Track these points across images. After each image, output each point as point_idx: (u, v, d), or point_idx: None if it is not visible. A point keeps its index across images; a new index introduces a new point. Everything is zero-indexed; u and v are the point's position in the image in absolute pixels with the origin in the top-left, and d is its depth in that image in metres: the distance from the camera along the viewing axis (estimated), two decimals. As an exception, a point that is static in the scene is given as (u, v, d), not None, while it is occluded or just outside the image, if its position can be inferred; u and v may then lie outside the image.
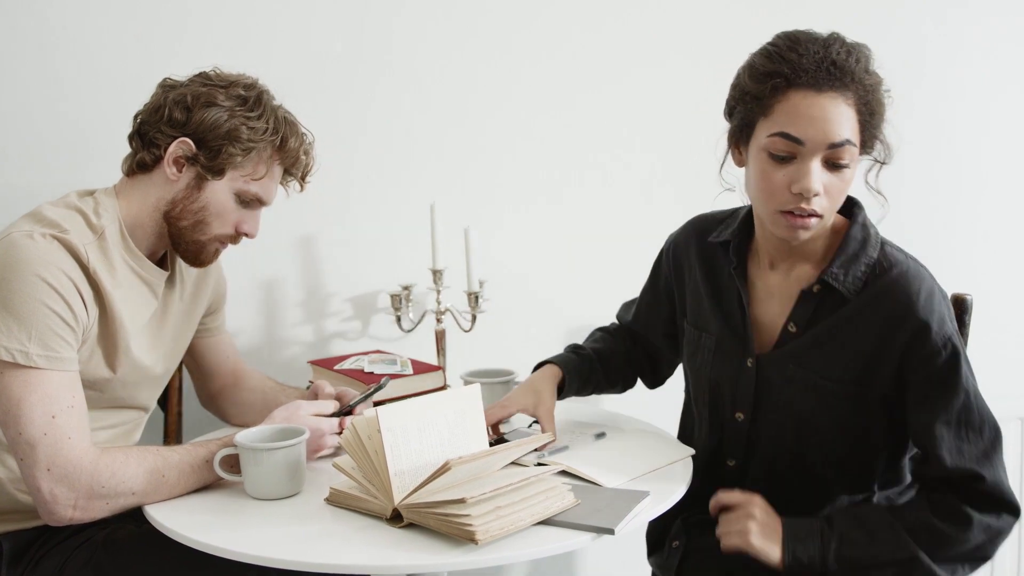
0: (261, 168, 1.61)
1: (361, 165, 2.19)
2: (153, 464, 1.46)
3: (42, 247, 1.46)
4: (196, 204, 1.60)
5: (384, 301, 2.22)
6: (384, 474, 1.34)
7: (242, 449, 1.46)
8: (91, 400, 1.51)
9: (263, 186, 1.63)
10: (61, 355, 1.44)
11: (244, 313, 2.14)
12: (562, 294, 2.32)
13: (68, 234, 1.49)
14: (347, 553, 1.29)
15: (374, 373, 1.90)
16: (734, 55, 1.51)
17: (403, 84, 2.19)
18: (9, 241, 1.46)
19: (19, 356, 1.41)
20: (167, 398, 1.93)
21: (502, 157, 2.26)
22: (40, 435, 1.40)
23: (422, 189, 2.19)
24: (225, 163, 1.58)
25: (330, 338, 2.22)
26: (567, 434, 1.70)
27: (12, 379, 1.41)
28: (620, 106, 2.30)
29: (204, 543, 1.33)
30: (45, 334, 1.43)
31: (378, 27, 2.17)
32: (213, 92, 1.58)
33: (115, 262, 1.56)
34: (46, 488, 1.41)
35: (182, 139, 1.57)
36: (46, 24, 1.99)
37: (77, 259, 1.49)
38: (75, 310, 1.47)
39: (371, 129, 2.19)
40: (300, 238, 2.18)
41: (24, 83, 1.99)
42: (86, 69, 2.01)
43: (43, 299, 1.43)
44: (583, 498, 1.39)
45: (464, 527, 1.24)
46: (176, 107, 1.58)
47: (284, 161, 1.65)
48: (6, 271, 1.43)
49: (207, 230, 1.62)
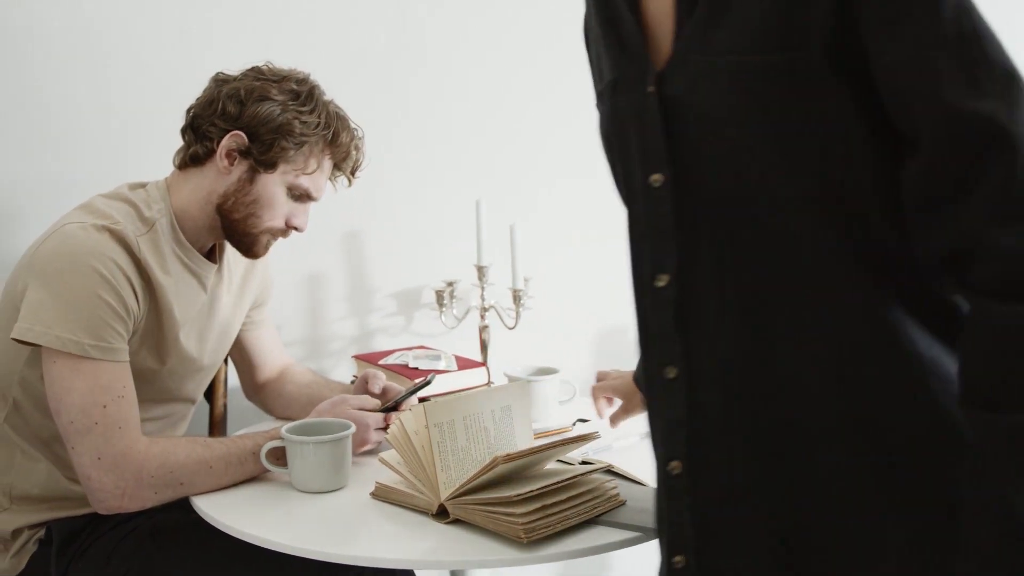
0: (312, 162, 1.62)
1: (407, 161, 2.19)
2: (200, 455, 1.47)
3: (95, 239, 1.47)
4: (248, 197, 1.60)
5: (428, 297, 2.22)
6: (431, 469, 1.34)
7: (288, 442, 1.46)
8: (139, 391, 1.52)
9: (313, 180, 1.63)
10: (113, 345, 1.46)
11: (289, 307, 2.15)
12: (607, 293, 2.31)
13: (120, 226, 1.50)
14: (392, 548, 1.29)
15: (419, 369, 1.90)
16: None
17: (451, 79, 2.19)
18: (63, 232, 1.48)
19: (72, 346, 1.42)
20: (212, 390, 1.95)
21: (549, 154, 2.25)
22: (91, 424, 1.42)
23: (468, 185, 2.19)
24: (277, 157, 1.58)
25: (373, 333, 2.23)
26: (611, 433, 1.69)
27: (65, 368, 1.43)
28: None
29: (249, 534, 1.34)
30: (98, 325, 1.44)
31: (422, 21, 2.17)
32: (266, 86, 1.59)
33: (166, 254, 1.57)
34: (96, 477, 1.42)
35: (235, 132, 1.57)
36: (95, 18, 2.01)
37: (129, 251, 1.50)
38: (127, 301, 1.48)
39: (418, 125, 2.19)
40: (346, 233, 2.19)
41: (73, 76, 2.01)
42: (133, 63, 2.03)
43: (96, 290, 1.44)
44: (629, 497, 1.38)
45: (512, 524, 1.23)
46: (229, 101, 1.59)
47: (335, 156, 1.65)
48: (60, 262, 1.45)
49: (258, 223, 1.62)
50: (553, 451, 1.36)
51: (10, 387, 1.56)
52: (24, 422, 1.57)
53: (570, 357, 2.25)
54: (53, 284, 1.44)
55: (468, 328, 2.19)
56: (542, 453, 1.34)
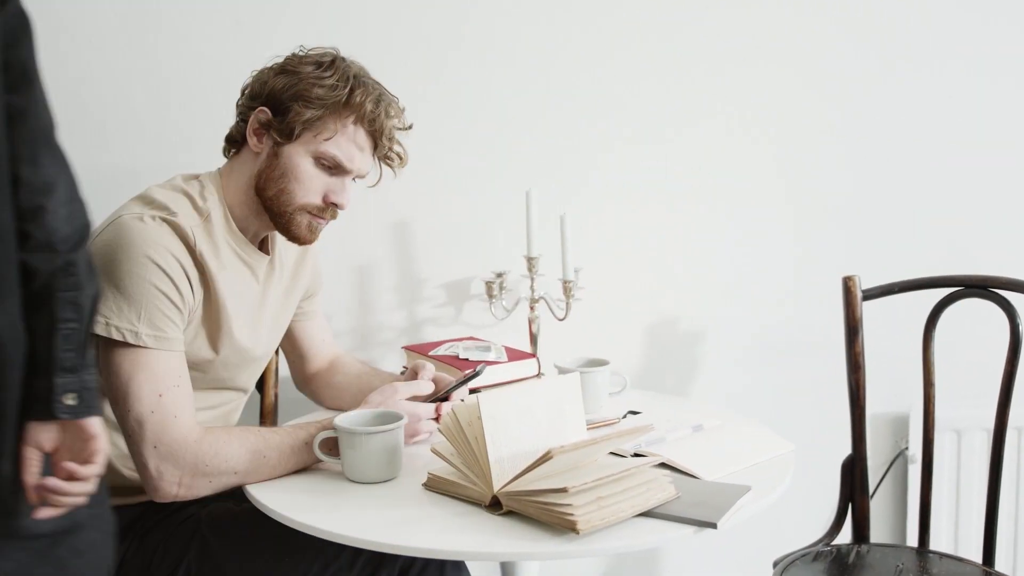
0: (331, 126, 1.58)
1: (457, 151, 2.18)
2: (255, 444, 1.48)
3: (152, 229, 1.48)
4: (277, 171, 1.60)
5: (478, 288, 2.22)
6: (484, 461, 1.34)
7: (341, 432, 1.47)
8: (194, 381, 1.54)
9: (338, 146, 1.59)
10: (169, 335, 1.47)
11: (338, 297, 2.16)
12: (656, 285, 2.30)
13: (176, 216, 1.51)
14: (445, 538, 1.29)
15: (469, 360, 1.90)
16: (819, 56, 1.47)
17: (503, 70, 2.18)
18: (119, 223, 1.49)
19: (129, 336, 1.44)
20: (263, 381, 1.96)
21: (599, 144, 2.23)
22: (148, 413, 1.43)
23: (518, 176, 2.18)
24: (295, 123, 1.56)
25: (422, 323, 2.23)
26: (664, 426, 1.68)
27: (122, 358, 1.45)
28: (727, 101, 2.25)
29: (302, 523, 1.35)
30: (154, 314, 1.45)
31: (473, 9, 2.16)
32: (289, 61, 1.61)
33: (220, 245, 1.58)
34: (153, 465, 1.44)
35: (260, 108, 1.59)
36: (150, 10, 2.03)
37: (185, 241, 1.51)
38: (182, 291, 1.49)
39: (468, 115, 2.18)
40: (395, 223, 2.19)
41: (127, 68, 2.04)
42: (187, 53, 2.05)
43: (152, 280, 1.46)
44: (683, 490, 1.37)
45: (565, 516, 1.23)
46: (256, 82, 1.62)
47: (358, 118, 1.60)
48: (117, 252, 1.46)
49: (292, 199, 1.60)
50: (607, 443, 1.35)
51: (67, 376, 1.58)
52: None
53: (620, 348, 2.24)
54: (110, 273, 1.45)
55: (518, 319, 2.18)
56: (596, 446, 1.33)
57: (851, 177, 2.30)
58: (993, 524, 1.86)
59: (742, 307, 2.31)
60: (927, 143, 2.30)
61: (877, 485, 2.37)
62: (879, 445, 2.37)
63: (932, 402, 1.94)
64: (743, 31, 2.23)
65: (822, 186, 2.30)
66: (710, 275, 2.30)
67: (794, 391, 2.33)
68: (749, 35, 2.23)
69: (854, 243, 2.30)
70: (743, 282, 2.30)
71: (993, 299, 1.87)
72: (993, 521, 1.86)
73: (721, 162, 2.26)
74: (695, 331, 2.32)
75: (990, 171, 2.33)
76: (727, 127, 2.26)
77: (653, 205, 2.27)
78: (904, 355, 2.13)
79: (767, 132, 2.27)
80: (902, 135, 2.29)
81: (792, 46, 2.25)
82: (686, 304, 2.30)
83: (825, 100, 2.27)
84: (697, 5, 2.22)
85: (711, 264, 2.29)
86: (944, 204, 2.32)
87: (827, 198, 2.30)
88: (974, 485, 2.30)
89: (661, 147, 2.25)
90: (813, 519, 2.27)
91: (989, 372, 1.96)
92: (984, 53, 2.28)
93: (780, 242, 2.31)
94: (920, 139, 2.30)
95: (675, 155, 2.25)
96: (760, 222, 2.30)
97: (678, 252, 2.29)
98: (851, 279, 1.97)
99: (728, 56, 2.23)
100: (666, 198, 2.27)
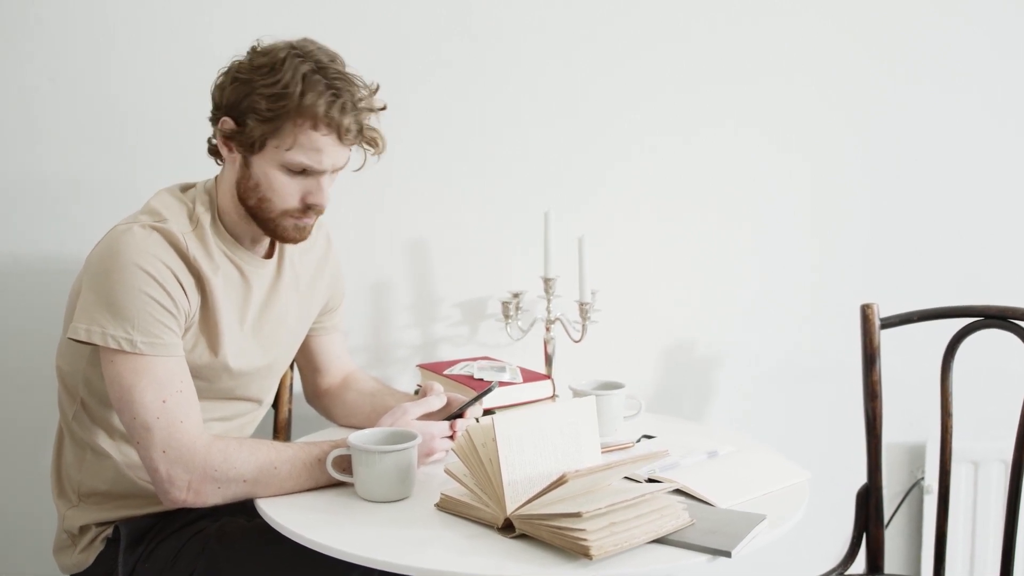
0: (288, 135, 1.51)
1: (475, 170, 2.19)
2: (266, 455, 1.48)
3: (140, 237, 1.49)
4: (251, 182, 1.57)
5: (493, 307, 2.22)
6: (497, 483, 1.33)
7: (355, 451, 1.46)
8: (201, 390, 1.54)
9: (302, 153, 1.52)
10: (164, 340, 1.47)
11: (353, 314, 2.16)
12: (673, 308, 2.29)
13: (167, 223, 1.52)
14: (456, 560, 1.28)
15: (483, 380, 1.89)
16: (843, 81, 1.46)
17: (520, 90, 2.18)
18: (111, 234, 1.52)
19: (124, 344, 1.45)
20: (277, 396, 1.95)
21: (617, 167, 2.23)
22: (153, 419, 1.44)
23: (536, 196, 2.18)
24: (253, 136, 1.52)
25: (437, 342, 2.23)
26: (678, 451, 1.67)
27: (122, 367, 1.46)
28: (749, 124, 2.25)
29: (313, 540, 1.34)
30: (147, 321, 1.46)
31: (493, 29, 2.17)
32: (240, 67, 1.54)
33: (212, 250, 1.58)
34: (163, 469, 1.44)
35: (223, 119, 1.55)
36: (160, 14, 2.04)
37: (176, 248, 1.52)
38: (175, 297, 1.49)
39: (486, 134, 2.18)
40: (411, 241, 2.19)
41: (140, 79, 2.05)
42: (196, 61, 2.05)
43: (142, 288, 1.46)
44: (697, 518, 1.35)
45: (578, 541, 1.22)
46: (216, 90, 1.58)
47: (314, 123, 1.50)
48: (107, 263, 1.48)
49: (272, 207, 1.57)
50: (622, 468, 1.34)
51: (77, 386, 1.59)
52: (92, 420, 1.60)
53: (636, 372, 2.23)
54: (102, 284, 1.47)
55: (533, 340, 2.17)
56: (610, 470, 1.32)
57: (869, 203, 2.29)
58: (1010, 558, 1.84)
59: (758, 332, 2.30)
60: (947, 171, 2.29)
61: (892, 515, 2.35)
62: (895, 474, 2.35)
63: (949, 432, 1.92)
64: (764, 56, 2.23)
65: (840, 213, 2.29)
66: (727, 300, 2.29)
67: (810, 418, 2.31)
68: (768, 58, 2.23)
69: (871, 269, 2.29)
70: (759, 307, 2.29)
71: (1013, 330, 1.85)
72: (1010, 555, 1.84)
73: (740, 187, 2.26)
74: (711, 355, 2.31)
75: (1010, 199, 2.32)
76: (748, 153, 2.26)
77: (671, 228, 2.27)
78: (921, 384, 2.11)
79: (787, 159, 2.27)
80: (922, 162, 2.29)
81: (817, 69, 2.25)
82: (702, 328, 2.29)
83: (847, 128, 2.26)
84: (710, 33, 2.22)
85: (728, 289, 2.29)
86: (963, 231, 2.31)
87: (844, 224, 2.29)
88: (991, 517, 2.28)
89: (681, 171, 2.24)
90: (827, 548, 2.25)
91: (1008, 403, 1.94)
92: (1006, 81, 2.28)
93: (798, 268, 2.30)
94: (940, 167, 2.29)
95: (695, 179, 2.25)
96: (778, 248, 2.29)
97: (695, 276, 2.28)
98: (869, 307, 1.95)
99: (749, 77, 2.23)
100: (685, 222, 2.27)
